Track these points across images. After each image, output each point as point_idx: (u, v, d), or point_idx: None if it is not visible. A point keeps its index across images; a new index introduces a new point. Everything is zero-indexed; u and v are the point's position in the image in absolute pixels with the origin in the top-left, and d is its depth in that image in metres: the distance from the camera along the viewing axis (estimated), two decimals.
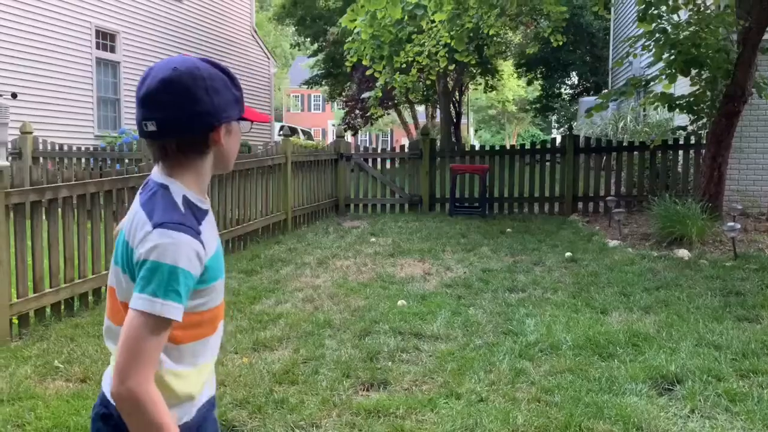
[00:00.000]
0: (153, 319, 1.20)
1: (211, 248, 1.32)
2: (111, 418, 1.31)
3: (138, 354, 1.20)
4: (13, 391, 3.39)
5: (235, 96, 1.36)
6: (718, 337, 4.20)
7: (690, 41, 7.63)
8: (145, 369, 1.20)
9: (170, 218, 1.26)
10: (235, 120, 1.37)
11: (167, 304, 1.21)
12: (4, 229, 4.22)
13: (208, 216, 1.37)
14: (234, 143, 1.39)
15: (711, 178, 8.05)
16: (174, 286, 1.21)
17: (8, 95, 10.85)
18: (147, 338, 1.20)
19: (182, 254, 1.23)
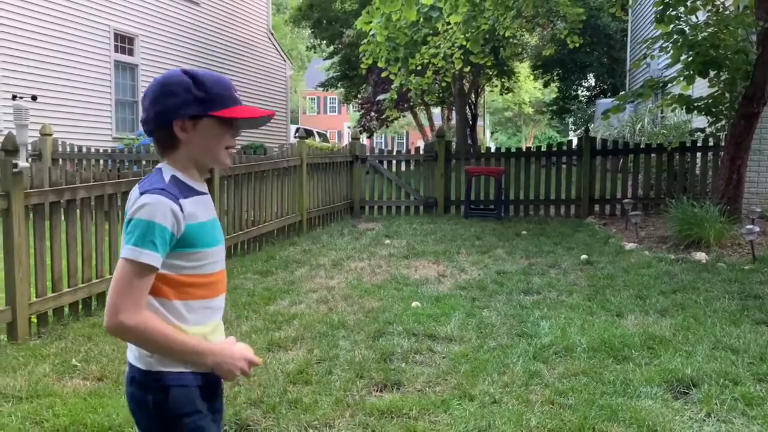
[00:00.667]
0: (134, 265, 1.47)
1: (196, 216, 1.55)
2: (134, 380, 1.58)
3: (124, 293, 1.47)
4: (32, 388, 3.43)
5: (195, 96, 1.56)
6: (736, 340, 4.15)
7: (708, 42, 7.56)
8: (131, 304, 1.46)
9: (153, 186, 1.53)
10: (190, 116, 1.56)
11: (144, 252, 1.46)
12: (24, 229, 4.29)
13: (201, 197, 1.61)
14: (204, 139, 1.59)
15: (730, 181, 7.96)
16: (150, 237, 1.47)
17: (29, 98, 11.02)
18: (131, 280, 1.47)
19: (158, 211, 1.48)
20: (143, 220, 1.48)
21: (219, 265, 1.64)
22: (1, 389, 3.44)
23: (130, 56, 14.47)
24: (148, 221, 1.48)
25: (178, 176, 1.59)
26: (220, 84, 1.58)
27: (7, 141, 4.41)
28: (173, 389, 1.56)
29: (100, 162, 10.45)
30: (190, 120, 1.57)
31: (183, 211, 1.52)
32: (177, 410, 1.57)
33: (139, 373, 1.57)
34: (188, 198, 1.56)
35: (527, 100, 46.06)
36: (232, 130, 1.62)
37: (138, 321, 1.47)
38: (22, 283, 4.24)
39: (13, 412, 3.17)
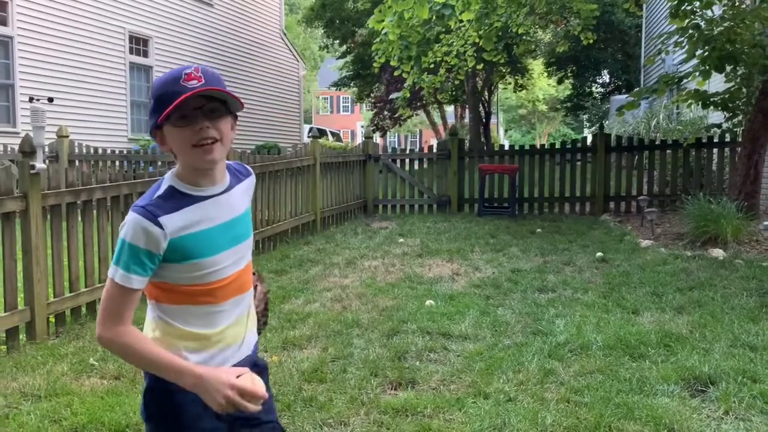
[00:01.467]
0: (112, 283, 1.48)
1: (188, 227, 1.49)
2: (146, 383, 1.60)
3: (105, 308, 1.48)
4: (50, 387, 3.48)
5: (151, 107, 1.52)
6: (754, 337, 4.10)
7: (724, 37, 7.47)
8: (109, 319, 1.47)
9: (140, 202, 1.50)
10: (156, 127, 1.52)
11: (119, 272, 1.46)
12: (41, 230, 4.33)
13: (204, 202, 1.54)
14: (174, 144, 1.52)
15: (747, 177, 7.88)
16: (124, 258, 1.46)
17: (45, 100, 11.14)
18: (110, 297, 1.48)
19: (131, 231, 1.46)
20: (121, 239, 1.47)
21: (227, 270, 1.56)
22: (21, 388, 3.48)
23: (145, 58, 14.58)
24: (123, 241, 1.46)
25: (175, 185, 1.53)
26: (161, 85, 1.50)
27: (24, 143, 4.46)
28: (157, 393, 1.56)
29: (115, 163, 10.55)
30: (159, 132, 1.53)
31: (164, 228, 1.46)
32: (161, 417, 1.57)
33: (149, 377, 1.56)
34: (180, 210, 1.49)
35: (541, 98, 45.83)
36: (191, 124, 1.47)
37: (113, 336, 1.47)
38: (40, 283, 4.29)
39: (32, 410, 3.21)
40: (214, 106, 1.49)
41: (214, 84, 1.48)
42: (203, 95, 1.47)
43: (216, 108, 1.50)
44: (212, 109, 1.49)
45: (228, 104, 1.52)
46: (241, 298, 1.62)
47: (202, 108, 1.48)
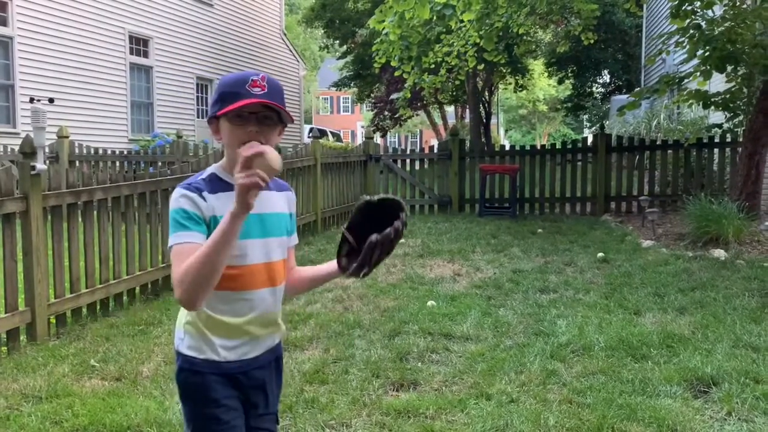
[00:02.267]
0: (172, 249, 1.58)
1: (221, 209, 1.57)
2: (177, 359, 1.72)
3: (176, 275, 1.53)
4: (51, 388, 3.47)
5: (214, 100, 1.66)
6: (756, 338, 4.10)
7: (725, 37, 7.47)
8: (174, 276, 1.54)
9: (182, 183, 1.65)
10: (214, 117, 1.65)
11: (177, 234, 1.58)
12: (42, 230, 4.33)
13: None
14: (225, 137, 1.65)
15: (748, 177, 7.87)
16: (177, 219, 1.59)
17: (46, 100, 11.13)
18: (172, 261, 1.57)
19: (178, 199, 1.60)
20: (171, 210, 1.61)
21: (253, 257, 1.65)
22: (22, 389, 3.47)
23: (145, 58, 14.57)
24: (174, 209, 1.60)
25: (216, 173, 1.67)
26: (229, 83, 1.64)
27: (24, 143, 4.45)
28: (185, 373, 1.68)
29: (116, 164, 10.54)
30: (215, 121, 1.66)
31: (205, 200, 1.60)
32: (189, 394, 1.68)
33: (176, 348, 1.71)
34: (217, 193, 1.63)
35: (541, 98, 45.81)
36: (244, 125, 1.60)
37: (178, 273, 1.53)
38: (40, 284, 4.28)
39: (33, 412, 3.20)
40: (267, 115, 1.63)
41: (274, 97, 1.63)
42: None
43: (269, 117, 1.64)
44: (265, 117, 1.63)
45: (281, 116, 1.66)
46: (271, 292, 1.69)
47: (257, 114, 1.62)
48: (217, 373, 1.65)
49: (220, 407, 1.65)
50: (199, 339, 1.66)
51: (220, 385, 1.65)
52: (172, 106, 15.29)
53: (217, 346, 1.65)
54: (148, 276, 5.34)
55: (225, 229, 1.49)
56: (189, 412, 1.69)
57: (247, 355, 1.69)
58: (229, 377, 1.67)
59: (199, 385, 1.66)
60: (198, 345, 1.66)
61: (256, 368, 1.71)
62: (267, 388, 1.75)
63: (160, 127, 14.48)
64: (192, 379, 1.66)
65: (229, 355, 1.66)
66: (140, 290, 5.34)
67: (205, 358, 1.65)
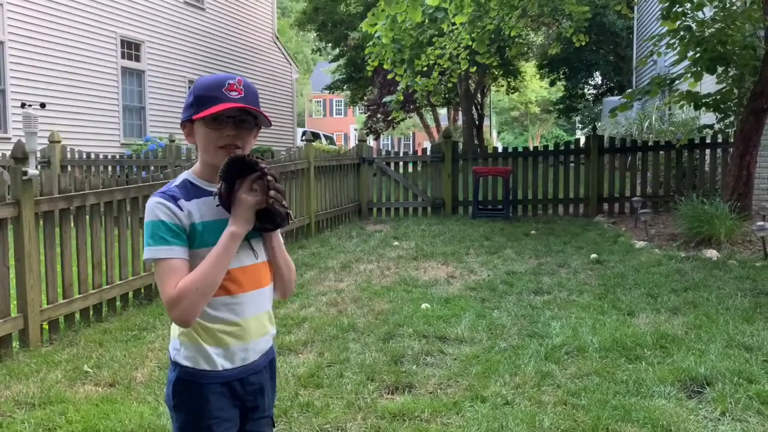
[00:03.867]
0: (155, 263, 1.57)
1: (200, 216, 1.60)
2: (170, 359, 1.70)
3: (160, 291, 1.56)
4: (44, 395, 3.45)
5: (189, 102, 1.65)
6: (749, 338, 4.12)
7: (716, 38, 7.52)
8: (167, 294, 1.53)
9: (159, 191, 1.62)
10: (185, 121, 1.66)
11: (158, 248, 1.56)
12: (34, 236, 4.31)
13: (210, 197, 1.63)
14: (200, 141, 1.64)
15: (739, 177, 7.91)
16: (157, 232, 1.56)
17: (37, 105, 11.08)
18: (157, 277, 1.57)
19: (157, 210, 1.57)
20: (148, 221, 1.59)
21: (238, 262, 1.63)
22: (14, 396, 3.45)
23: (137, 62, 14.53)
24: (151, 221, 1.58)
25: (189, 179, 1.66)
26: (205, 86, 1.62)
27: (16, 149, 4.43)
28: (182, 384, 1.65)
29: (108, 168, 10.49)
30: (189, 124, 1.66)
31: (182, 209, 1.59)
32: (183, 405, 1.65)
33: (171, 358, 1.70)
34: (192, 200, 1.62)
35: (534, 100, 45.97)
36: (220, 129, 1.60)
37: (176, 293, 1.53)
38: (33, 289, 4.26)
39: (26, 418, 3.18)
40: (244, 118, 1.63)
41: (250, 100, 1.62)
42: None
43: (246, 120, 1.64)
44: (242, 120, 1.63)
45: (257, 119, 1.66)
46: (259, 293, 1.71)
47: (234, 118, 1.61)
48: (213, 383, 1.64)
49: (214, 419, 1.64)
50: (195, 350, 1.64)
51: (216, 396, 1.64)
52: (165, 111, 15.24)
53: (213, 355, 1.64)
54: (141, 281, 5.32)
55: (227, 248, 1.55)
56: (181, 422, 1.67)
57: (243, 361, 1.68)
58: (227, 386, 1.66)
59: (194, 396, 1.64)
60: (194, 355, 1.64)
61: (252, 374, 1.71)
62: (263, 392, 1.75)
63: (153, 132, 14.44)
64: (188, 389, 1.64)
65: (225, 363, 1.65)
66: (133, 295, 5.32)
67: (203, 369, 1.64)
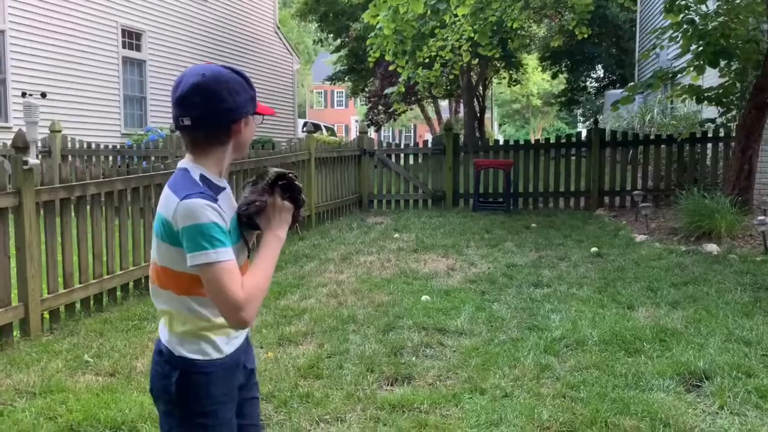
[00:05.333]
0: (214, 267, 1.51)
1: (227, 217, 1.59)
2: (162, 353, 1.67)
3: (222, 295, 1.52)
4: (45, 384, 3.46)
5: (250, 95, 1.67)
6: (748, 332, 4.12)
7: (719, 32, 7.49)
8: (239, 292, 1.52)
9: (192, 191, 1.55)
10: (251, 114, 1.68)
11: (217, 251, 1.52)
12: (35, 226, 4.31)
13: (225, 192, 1.67)
14: (250, 133, 1.69)
15: (741, 172, 7.90)
16: (214, 235, 1.52)
17: (38, 95, 11.06)
18: (219, 281, 1.51)
19: (208, 212, 1.52)
20: (199, 224, 1.52)
21: (242, 258, 1.67)
22: (15, 384, 3.47)
23: (138, 52, 14.49)
24: (205, 224, 1.52)
25: (206, 174, 1.63)
26: (250, 86, 1.68)
27: (17, 138, 4.42)
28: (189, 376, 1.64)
29: (109, 158, 10.48)
30: (245, 119, 1.65)
31: (223, 211, 1.57)
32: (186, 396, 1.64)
33: (168, 353, 1.66)
34: (217, 196, 1.61)
35: (535, 92, 45.84)
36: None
37: (245, 299, 1.54)
38: (33, 279, 4.26)
39: (27, 407, 3.19)
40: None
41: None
42: None
43: None
44: None
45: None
46: None
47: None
48: (218, 369, 1.65)
49: (219, 403, 1.66)
50: (199, 342, 1.64)
51: (220, 381, 1.67)
52: (166, 101, 15.20)
53: (219, 343, 1.65)
54: (142, 271, 5.33)
55: (276, 251, 1.66)
56: (185, 414, 1.66)
57: (239, 342, 1.72)
58: (231, 368, 1.68)
59: (202, 385, 1.64)
60: (198, 347, 1.64)
61: (242, 351, 1.75)
62: (248, 354, 1.80)
63: (153, 122, 14.41)
64: (195, 380, 1.64)
65: (229, 349, 1.68)
66: (134, 285, 5.32)
67: (208, 359, 1.64)
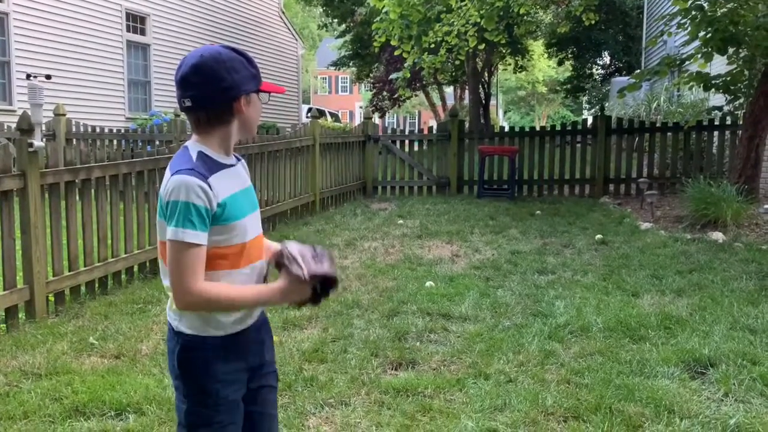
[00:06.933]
0: (180, 245, 1.55)
1: (224, 191, 1.62)
2: (169, 329, 1.73)
3: (180, 272, 1.55)
4: (51, 366, 3.47)
5: (251, 73, 1.68)
6: (753, 320, 4.12)
7: (728, 18, 7.40)
8: (190, 279, 1.55)
9: (182, 166, 1.59)
10: (253, 92, 1.68)
11: (186, 231, 1.55)
12: (40, 208, 4.31)
13: (230, 170, 1.69)
14: (254, 112, 1.70)
15: (747, 160, 7.86)
16: (187, 216, 1.55)
17: (42, 77, 11.03)
18: (181, 259, 1.55)
19: (191, 191, 1.55)
20: (179, 201, 1.55)
21: (251, 233, 1.69)
22: (21, 366, 3.48)
23: (142, 36, 14.42)
24: (184, 202, 1.55)
25: (205, 152, 1.65)
26: (251, 63, 1.70)
27: (22, 120, 4.41)
28: (188, 353, 1.67)
29: (113, 142, 10.47)
30: (247, 96, 1.67)
31: (212, 188, 1.58)
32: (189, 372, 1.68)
33: (170, 329, 1.72)
34: (215, 174, 1.62)
35: (541, 79, 45.58)
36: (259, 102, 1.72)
37: (196, 295, 1.56)
38: (39, 261, 4.27)
39: (32, 388, 3.21)
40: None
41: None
42: None
43: None
44: None
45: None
46: (261, 265, 1.74)
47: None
48: (218, 347, 1.67)
49: (220, 382, 1.67)
50: (200, 319, 1.66)
51: (221, 360, 1.68)
52: (170, 85, 15.15)
53: (222, 322, 1.67)
54: (146, 255, 5.33)
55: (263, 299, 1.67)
56: (188, 390, 1.69)
57: (246, 323, 1.72)
58: (232, 348, 1.69)
59: (201, 362, 1.67)
60: (199, 324, 1.66)
61: (254, 332, 1.76)
62: (264, 346, 1.81)
63: (158, 106, 14.38)
64: (194, 357, 1.67)
65: (233, 327, 1.69)
66: (138, 269, 5.33)
67: (209, 335, 1.67)
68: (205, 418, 1.68)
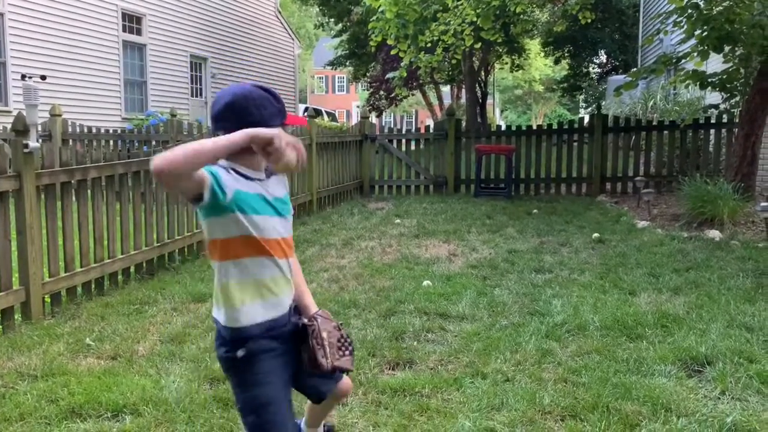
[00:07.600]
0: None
1: (240, 186, 1.84)
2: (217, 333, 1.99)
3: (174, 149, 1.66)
4: (47, 367, 3.46)
5: (277, 108, 1.93)
6: (750, 318, 4.12)
7: (724, 17, 7.41)
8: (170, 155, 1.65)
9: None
10: (278, 126, 1.90)
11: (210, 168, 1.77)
12: (36, 209, 4.30)
13: (252, 182, 1.90)
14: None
15: (744, 158, 7.87)
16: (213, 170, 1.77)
17: (38, 77, 11.01)
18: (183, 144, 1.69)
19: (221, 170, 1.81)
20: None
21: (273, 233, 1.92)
22: (17, 368, 3.47)
23: (138, 36, 14.40)
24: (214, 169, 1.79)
25: (236, 168, 1.88)
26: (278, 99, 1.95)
27: (17, 121, 4.40)
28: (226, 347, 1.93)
29: (109, 142, 10.46)
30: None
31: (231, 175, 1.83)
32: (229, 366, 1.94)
33: (217, 325, 1.97)
34: (237, 177, 1.86)
35: (537, 78, 45.63)
36: None
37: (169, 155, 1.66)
38: (35, 262, 4.26)
39: (28, 390, 3.19)
40: None
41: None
42: None
43: None
44: None
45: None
46: (287, 262, 1.99)
47: None
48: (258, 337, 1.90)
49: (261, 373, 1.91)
50: (233, 310, 1.90)
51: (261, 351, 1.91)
52: (166, 85, 15.15)
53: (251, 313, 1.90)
54: (143, 255, 5.33)
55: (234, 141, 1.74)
56: (236, 380, 1.95)
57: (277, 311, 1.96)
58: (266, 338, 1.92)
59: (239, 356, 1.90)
60: (235, 316, 1.90)
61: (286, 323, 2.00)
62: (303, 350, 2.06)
63: (154, 106, 14.36)
64: (232, 350, 1.91)
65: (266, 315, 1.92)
66: (135, 269, 5.32)
67: (242, 326, 1.90)
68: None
